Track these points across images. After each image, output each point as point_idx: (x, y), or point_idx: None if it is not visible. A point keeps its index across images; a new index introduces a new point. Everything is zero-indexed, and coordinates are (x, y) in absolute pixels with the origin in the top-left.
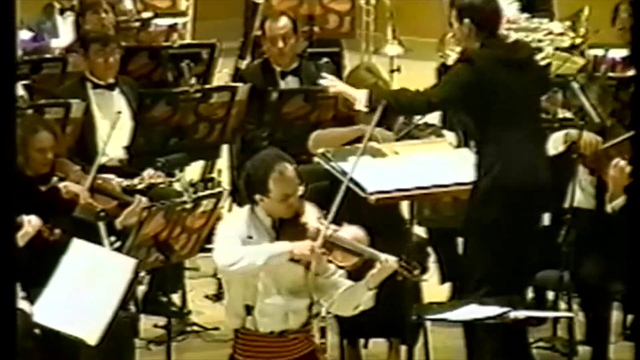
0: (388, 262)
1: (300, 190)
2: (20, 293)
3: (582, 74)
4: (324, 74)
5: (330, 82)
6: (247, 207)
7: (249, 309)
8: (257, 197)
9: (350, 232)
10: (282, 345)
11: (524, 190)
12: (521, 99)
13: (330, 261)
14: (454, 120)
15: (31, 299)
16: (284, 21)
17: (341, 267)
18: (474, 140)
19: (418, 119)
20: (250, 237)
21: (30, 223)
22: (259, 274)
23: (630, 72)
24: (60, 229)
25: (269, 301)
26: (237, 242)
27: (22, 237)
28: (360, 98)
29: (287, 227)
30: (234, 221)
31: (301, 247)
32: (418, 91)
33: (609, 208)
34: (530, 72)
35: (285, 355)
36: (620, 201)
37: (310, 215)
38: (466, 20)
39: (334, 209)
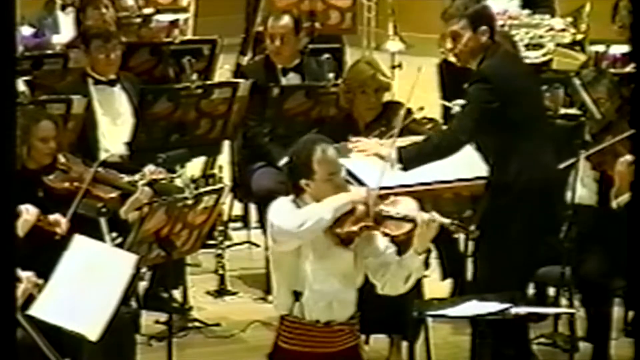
0: (434, 219)
1: (343, 171)
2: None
3: (591, 68)
4: (352, 138)
5: (360, 148)
6: (290, 198)
7: (297, 295)
8: (303, 182)
9: (401, 202)
10: (327, 335)
11: (549, 197)
12: (535, 105)
13: (385, 234)
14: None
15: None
16: (285, 20)
17: (395, 237)
18: (493, 153)
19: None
20: None
21: (29, 212)
22: (310, 258)
23: (630, 69)
24: (59, 218)
25: (317, 288)
26: (294, 209)
27: (21, 226)
28: (392, 156)
29: None
30: (281, 204)
31: (358, 194)
32: (444, 132)
33: (614, 204)
34: (535, 77)
35: (329, 346)
36: (625, 197)
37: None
38: (483, 27)
39: (380, 183)
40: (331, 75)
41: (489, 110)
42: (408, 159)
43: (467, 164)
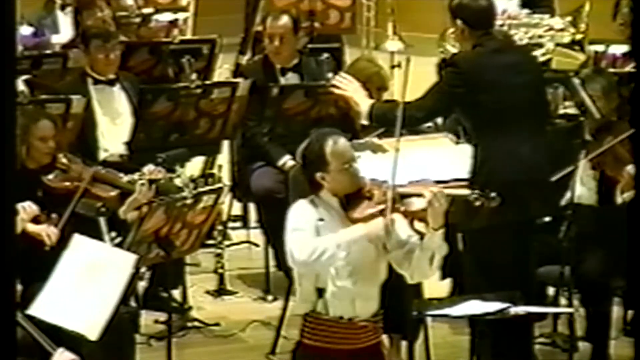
0: (442, 191)
1: (357, 161)
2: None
3: (589, 67)
4: (340, 75)
5: (342, 84)
6: (308, 198)
7: (320, 292)
8: (318, 175)
9: (420, 184)
10: (350, 332)
11: (520, 187)
12: (515, 97)
13: (403, 213)
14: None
15: (31, 294)
16: (284, 20)
17: (415, 215)
18: (471, 138)
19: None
20: (321, 220)
21: (25, 210)
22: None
23: (630, 68)
24: (57, 216)
25: (340, 284)
26: (310, 232)
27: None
28: (364, 110)
29: (354, 203)
30: (300, 210)
31: (374, 226)
32: (410, 104)
33: (619, 199)
34: (527, 70)
35: (352, 343)
36: (631, 194)
37: (373, 185)
38: (458, 21)
39: (393, 170)
40: (330, 74)
41: (454, 95)
42: (376, 117)
43: (463, 163)
